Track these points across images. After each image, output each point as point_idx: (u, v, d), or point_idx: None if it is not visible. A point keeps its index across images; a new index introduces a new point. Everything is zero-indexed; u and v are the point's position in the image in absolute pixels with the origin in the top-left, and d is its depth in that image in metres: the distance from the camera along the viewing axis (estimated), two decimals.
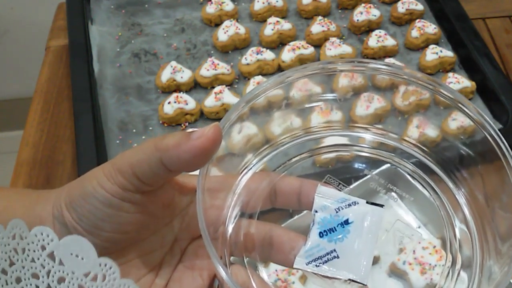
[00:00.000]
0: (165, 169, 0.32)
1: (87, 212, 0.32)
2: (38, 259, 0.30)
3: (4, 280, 0.30)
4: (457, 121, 0.68)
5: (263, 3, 0.81)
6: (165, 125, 0.70)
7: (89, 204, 0.32)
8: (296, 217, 0.41)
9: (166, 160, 0.31)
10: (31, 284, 0.29)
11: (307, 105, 0.61)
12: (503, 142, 0.34)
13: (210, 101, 0.70)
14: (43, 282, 0.30)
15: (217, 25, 0.81)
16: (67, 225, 0.33)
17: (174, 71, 0.73)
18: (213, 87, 0.72)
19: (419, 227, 0.49)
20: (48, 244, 0.30)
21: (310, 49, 0.75)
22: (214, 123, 0.32)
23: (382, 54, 0.77)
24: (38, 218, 0.34)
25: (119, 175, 0.32)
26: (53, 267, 0.30)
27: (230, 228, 0.36)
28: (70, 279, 0.30)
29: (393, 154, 0.41)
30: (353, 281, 0.33)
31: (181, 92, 0.72)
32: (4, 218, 0.34)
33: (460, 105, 0.36)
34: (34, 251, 0.30)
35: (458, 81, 0.71)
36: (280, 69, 0.76)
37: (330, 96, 0.55)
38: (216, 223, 0.35)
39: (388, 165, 0.41)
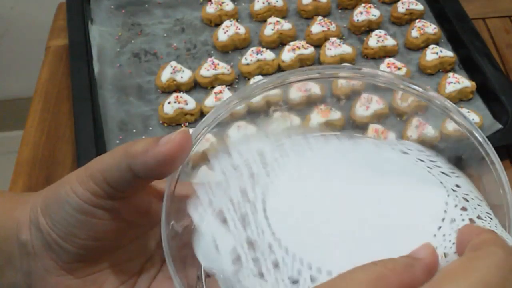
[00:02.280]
0: (134, 176, 0.31)
1: (61, 218, 0.32)
2: None
3: None
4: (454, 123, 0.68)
5: (263, 3, 0.81)
6: (165, 125, 0.70)
7: (62, 210, 0.32)
8: None
9: (134, 166, 0.31)
10: None
11: (305, 106, 0.61)
12: (494, 154, 0.34)
13: (210, 101, 0.70)
14: None
15: (217, 25, 0.81)
16: (42, 230, 0.32)
17: (174, 71, 0.73)
18: (213, 87, 0.72)
19: None
20: None
21: (310, 49, 0.75)
22: (183, 128, 0.31)
23: (382, 54, 0.77)
24: (16, 222, 0.33)
25: (91, 181, 0.31)
26: None
27: None
28: None
29: None
30: None
31: (181, 92, 0.72)
32: None
33: (452, 114, 0.36)
34: None
35: (458, 81, 0.71)
36: (280, 69, 0.76)
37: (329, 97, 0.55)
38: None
39: None
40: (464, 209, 0.31)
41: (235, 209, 0.31)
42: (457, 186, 0.34)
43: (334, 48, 0.75)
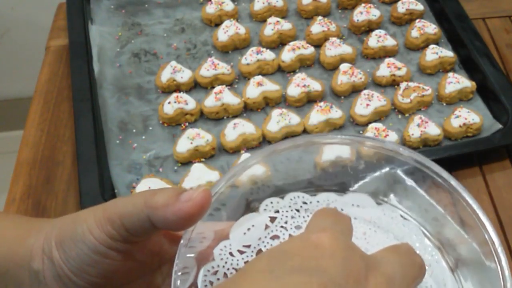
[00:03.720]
0: (152, 226, 0.32)
1: (74, 254, 0.33)
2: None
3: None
4: (460, 119, 0.68)
5: (263, 3, 0.81)
6: (165, 125, 0.70)
7: (77, 247, 0.33)
8: None
9: (153, 218, 0.32)
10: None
11: (305, 104, 0.60)
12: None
13: (210, 101, 0.70)
14: None
15: (217, 25, 0.81)
16: (55, 263, 0.33)
17: (174, 71, 0.73)
18: (213, 87, 0.72)
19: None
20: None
21: (310, 49, 0.75)
22: (204, 188, 0.32)
23: (382, 54, 0.77)
24: (29, 250, 0.34)
25: (108, 224, 0.32)
26: None
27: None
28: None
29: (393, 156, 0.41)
30: None
31: (181, 92, 0.72)
32: None
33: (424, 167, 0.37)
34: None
35: (458, 81, 0.71)
36: (280, 69, 0.76)
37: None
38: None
39: (388, 168, 0.41)
40: None
41: None
42: None
43: (334, 48, 0.75)
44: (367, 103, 0.69)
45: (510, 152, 0.68)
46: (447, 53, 0.75)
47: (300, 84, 0.71)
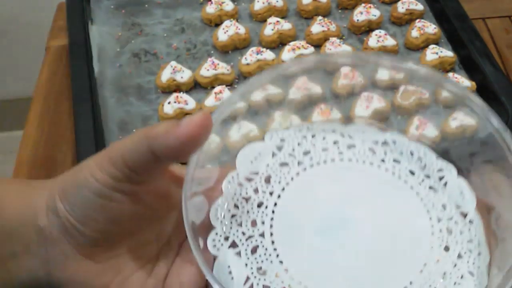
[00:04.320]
0: (155, 158, 0.31)
1: (79, 202, 0.32)
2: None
3: None
4: (457, 120, 0.68)
5: (263, 3, 0.81)
6: None
7: (80, 194, 0.32)
8: None
9: (155, 147, 0.31)
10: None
11: (306, 106, 0.61)
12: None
13: (210, 101, 0.70)
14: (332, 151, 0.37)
15: (217, 25, 0.81)
16: (60, 215, 0.33)
17: (174, 71, 0.73)
18: (213, 87, 0.72)
19: None
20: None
21: (310, 49, 0.75)
22: (204, 110, 0.32)
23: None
24: (33, 209, 0.34)
25: (110, 165, 0.32)
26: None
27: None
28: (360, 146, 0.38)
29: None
30: None
31: (181, 92, 0.72)
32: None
33: (466, 101, 0.37)
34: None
35: (458, 81, 0.71)
36: None
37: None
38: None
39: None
40: (446, 248, 0.35)
41: (247, 242, 0.35)
42: (443, 206, 0.37)
43: (334, 48, 0.75)
44: (367, 105, 0.69)
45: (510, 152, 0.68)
46: (447, 53, 0.75)
47: (302, 87, 0.71)
